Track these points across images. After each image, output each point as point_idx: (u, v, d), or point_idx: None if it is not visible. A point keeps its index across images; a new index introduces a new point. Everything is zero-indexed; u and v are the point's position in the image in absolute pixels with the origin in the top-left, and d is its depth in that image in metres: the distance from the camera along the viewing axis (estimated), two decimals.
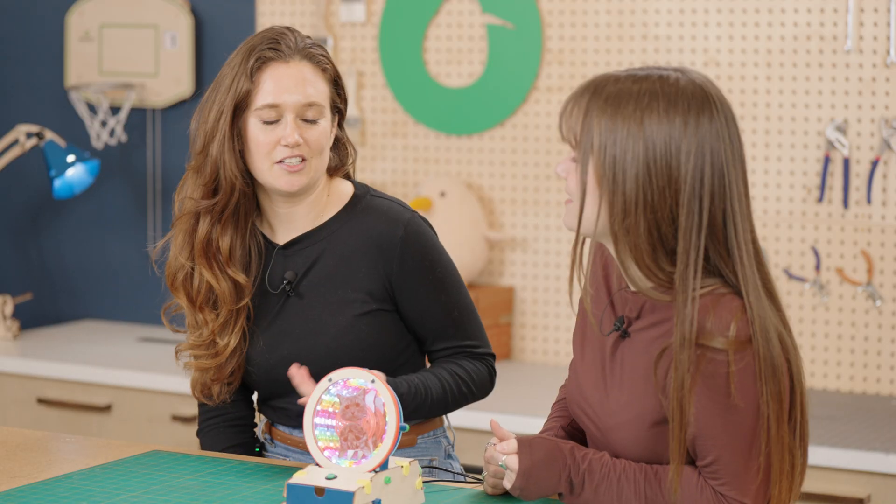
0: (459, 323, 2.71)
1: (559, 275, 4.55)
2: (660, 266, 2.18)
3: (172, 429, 4.39)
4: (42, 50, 5.28)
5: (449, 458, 2.80)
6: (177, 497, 2.35)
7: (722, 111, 2.18)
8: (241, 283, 2.66)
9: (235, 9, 4.99)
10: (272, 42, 2.62)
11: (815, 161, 4.18)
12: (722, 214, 2.16)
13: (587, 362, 2.34)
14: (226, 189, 2.62)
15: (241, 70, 2.60)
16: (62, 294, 5.34)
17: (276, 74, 2.61)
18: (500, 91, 4.57)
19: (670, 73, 2.19)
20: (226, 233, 2.65)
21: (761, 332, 2.14)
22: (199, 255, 2.65)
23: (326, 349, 2.66)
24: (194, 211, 2.65)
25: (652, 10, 4.36)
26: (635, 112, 2.15)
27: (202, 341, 2.68)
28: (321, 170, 2.66)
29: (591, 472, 2.25)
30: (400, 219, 2.68)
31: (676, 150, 2.14)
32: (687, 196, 2.14)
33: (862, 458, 3.55)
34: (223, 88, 2.62)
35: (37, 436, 2.78)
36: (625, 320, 2.28)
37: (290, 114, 2.60)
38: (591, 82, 2.21)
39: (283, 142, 2.59)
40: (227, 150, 2.60)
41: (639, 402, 2.23)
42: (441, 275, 2.69)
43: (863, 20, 4.11)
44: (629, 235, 2.16)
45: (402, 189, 4.71)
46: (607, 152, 2.16)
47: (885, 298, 4.12)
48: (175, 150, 5.10)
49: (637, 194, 2.15)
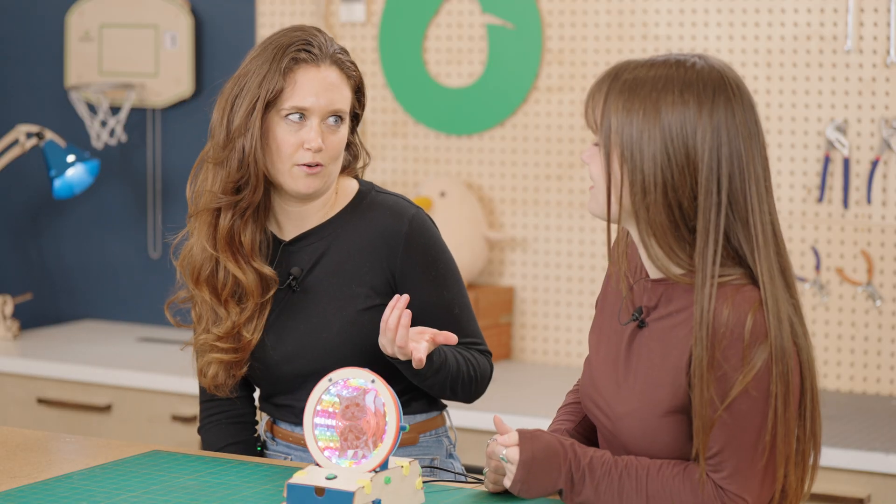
0: (460, 320, 2.71)
1: (559, 275, 4.55)
2: (681, 244, 2.20)
3: (172, 429, 4.39)
4: (42, 50, 5.28)
5: (450, 458, 2.80)
6: (177, 497, 2.36)
7: (739, 95, 2.21)
8: (267, 274, 2.66)
9: (235, 9, 4.99)
10: (305, 43, 2.62)
11: (815, 161, 4.18)
12: (742, 195, 2.18)
13: (602, 356, 2.35)
14: (253, 185, 2.62)
15: (274, 68, 2.59)
16: (62, 294, 5.34)
17: (308, 77, 2.61)
18: (500, 91, 4.57)
19: (689, 58, 2.24)
20: (247, 227, 2.66)
21: (774, 317, 2.16)
22: (223, 249, 2.65)
23: (330, 344, 2.67)
24: (215, 206, 2.64)
25: (652, 10, 4.36)
26: (650, 95, 2.19)
27: (227, 333, 2.68)
28: (336, 173, 2.67)
29: (591, 468, 2.25)
30: (405, 214, 2.69)
31: (693, 133, 2.18)
32: (705, 176, 2.18)
33: (862, 458, 3.55)
34: (253, 84, 2.60)
35: (37, 436, 2.78)
36: (643, 310, 2.29)
37: (316, 118, 2.61)
38: (613, 69, 2.26)
39: (307, 145, 2.60)
40: (258, 147, 2.60)
41: (652, 391, 2.23)
42: (443, 271, 2.70)
43: (863, 20, 4.11)
44: (649, 213, 2.19)
45: (402, 189, 4.71)
46: (624, 134, 2.19)
47: (885, 298, 4.12)
48: (175, 150, 5.10)
49: (656, 173, 2.18)
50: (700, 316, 2.17)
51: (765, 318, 2.16)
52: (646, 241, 2.22)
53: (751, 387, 2.15)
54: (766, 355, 2.15)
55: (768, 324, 2.16)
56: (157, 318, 5.10)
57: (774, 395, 2.16)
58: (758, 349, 2.15)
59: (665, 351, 2.24)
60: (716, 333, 2.15)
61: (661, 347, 2.25)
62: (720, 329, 2.15)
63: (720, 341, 2.15)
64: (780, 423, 2.17)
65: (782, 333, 2.16)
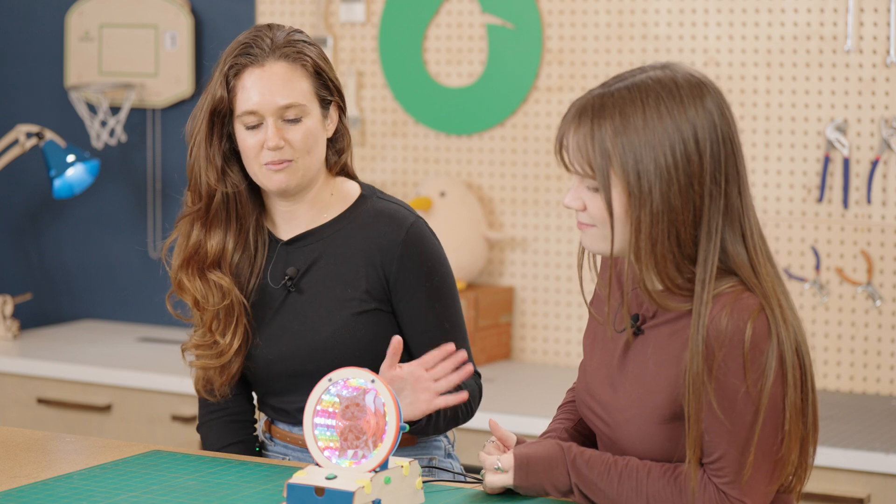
0: (449, 335, 2.68)
1: (559, 275, 4.55)
2: (679, 272, 2.18)
3: (172, 429, 4.39)
4: (42, 50, 5.28)
5: (449, 458, 2.80)
6: (177, 497, 2.35)
7: (717, 95, 2.20)
8: (223, 286, 2.68)
9: (235, 9, 4.99)
10: (246, 47, 2.64)
11: (815, 161, 4.18)
12: (738, 194, 2.17)
13: (596, 361, 2.34)
14: (204, 195, 2.67)
15: (219, 77, 2.64)
16: (62, 294, 5.34)
17: (251, 80, 2.62)
18: (500, 91, 4.57)
19: (659, 72, 2.19)
20: (214, 235, 2.68)
21: (782, 322, 2.15)
22: (183, 262, 2.70)
23: (324, 346, 2.67)
24: (187, 214, 2.70)
25: (652, 10, 4.36)
26: (646, 121, 2.14)
27: (204, 341, 2.70)
28: (313, 167, 2.66)
29: (591, 467, 2.25)
30: (404, 222, 2.68)
31: (694, 141, 2.15)
32: (708, 186, 2.15)
33: (862, 458, 3.55)
34: (205, 95, 2.66)
35: (37, 436, 2.78)
36: (640, 317, 2.28)
37: (270, 118, 2.61)
38: (583, 107, 2.18)
39: (266, 145, 2.61)
40: (203, 157, 2.65)
41: (651, 398, 2.23)
42: (438, 284, 2.69)
43: (863, 20, 4.11)
44: (653, 245, 2.16)
45: (402, 189, 4.71)
46: (630, 170, 2.14)
47: (885, 298, 4.12)
48: (175, 150, 5.10)
49: (662, 202, 2.14)
50: (696, 330, 2.16)
51: (766, 325, 2.16)
52: (647, 276, 2.20)
53: (752, 394, 2.15)
54: (771, 362, 2.15)
55: (776, 330, 2.15)
56: (157, 318, 5.10)
57: (779, 401, 2.16)
58: (760, 357, 2.15)
59: (663, 358, 2.23)
60: (715, 341, 2.15)
61: (659, 354, 2.24)
62: (719, 337, 2.15)
63: (720, 349, 2.15)
64: (793, 426, 2.17)
65: (788, 338, 2.16)
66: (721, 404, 2.15)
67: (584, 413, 2.37)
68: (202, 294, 2.68)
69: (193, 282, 2.69)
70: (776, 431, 2.17)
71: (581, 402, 2.38)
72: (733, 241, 2.19)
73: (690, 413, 2.16)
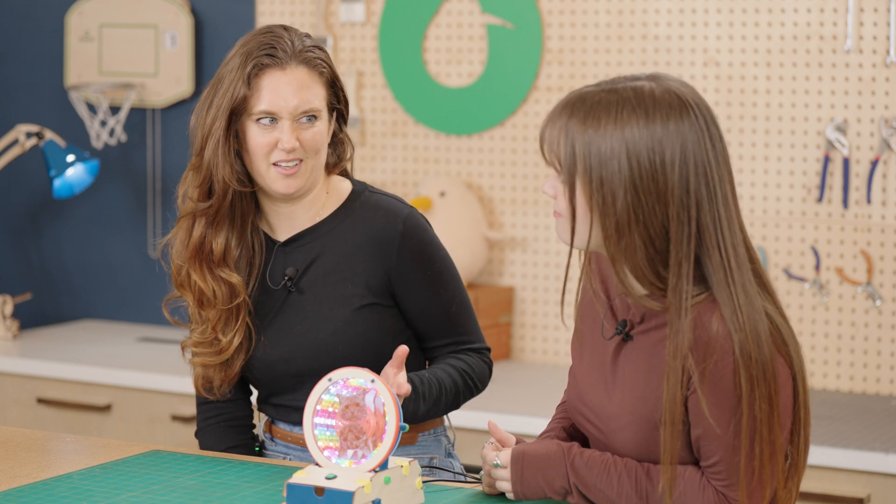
0: (458, 318, 2.72)
1: (559, 275, 4.55)
2: (659, 277, 2.18)
3: (172, 429, 4.40)
4: (42, 50, 5.28)
5: (449, 458, 2.81)
6: (177, 497, 2.36)
7: (701, 114, 2.17)
8: (233, 283, 2.67)
9: (235, 9, 4.99)
10: (269, 48, 2.64)
11: (815, 161, 4.18)
12: (711, 221, 2.16)
13: (586, 367, 2.34)
14: (219, 192, 2.65)
15: (239, 75, 2.63)
16: (62, 294, 5.34)
17: (273, 81, 2.63)
18: (500, 91, 4.57)
19: (643, 83, 2.18)
20: (220, 234, 2.68)
21: (752, 335, 2.14)
22: (191, 257, 2.69)
23: (326, 344, 2.67)
24: (192, 212, 2.67)
25: (652, 10, 4.36)
26: (615, 128, 2.14)
27: (205, 339, 2.70)
28: (318, 169, 2.68)
29: (590, 467, 2.25)
30: (399, 214, 2.69)
31: (661, 161, 2.13)
32: (676, 208, 2.14)
33: (862, 458, 3.55)
34: (221, 91, 2.65)
35: (37, 436, 2.78)
36: (627, 323, 2.28)
37: (287, 120, 2.62)
38: (567, 102, 2.20)
39: (280, 146, 2.62)
40: (220, 154, 2.63)
41: (642, 404, 2.23)
42: (439, 269, 2.71)
43: (863, 20, 4.11)
44: (627, 255, 2.17)
45: (402, 189, 4.71)
46: (594, 174, 2.15)
47: (885, 298, 4.12)
48: (175, 150, 5.10)
49: (629, 213, 2.14)
50: (674, 350, 2.15)
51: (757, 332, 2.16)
52: (625, 281, 2.21)
53: (742, 400, 2.15)
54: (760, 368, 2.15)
55: (748, 348, 2.14)
56: (157, 318, 5.09)
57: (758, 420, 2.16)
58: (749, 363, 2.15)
59: (653, 364, 2.23)
60: (706, 348, 2.15)
61: (649, 360, 2.24)
62: (710, 343, 2.15)
63: (711, 354, 2.15)
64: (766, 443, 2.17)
65: (762, 352, 2.15)
66: (712, 411, 2.15)
67: (577, 419, 2.37)
68: (211, 290, 2.67)
69: (204, 277, 2.67)
70: (770, 434, 2.17)
71: (573, 409, 2.38)
72: (709, 263, 2.18)
73: (666, 424, 2.17)
